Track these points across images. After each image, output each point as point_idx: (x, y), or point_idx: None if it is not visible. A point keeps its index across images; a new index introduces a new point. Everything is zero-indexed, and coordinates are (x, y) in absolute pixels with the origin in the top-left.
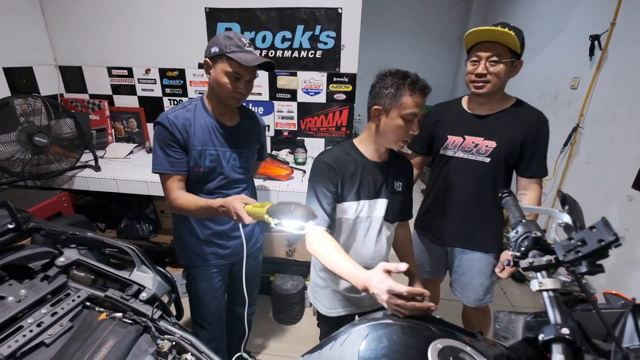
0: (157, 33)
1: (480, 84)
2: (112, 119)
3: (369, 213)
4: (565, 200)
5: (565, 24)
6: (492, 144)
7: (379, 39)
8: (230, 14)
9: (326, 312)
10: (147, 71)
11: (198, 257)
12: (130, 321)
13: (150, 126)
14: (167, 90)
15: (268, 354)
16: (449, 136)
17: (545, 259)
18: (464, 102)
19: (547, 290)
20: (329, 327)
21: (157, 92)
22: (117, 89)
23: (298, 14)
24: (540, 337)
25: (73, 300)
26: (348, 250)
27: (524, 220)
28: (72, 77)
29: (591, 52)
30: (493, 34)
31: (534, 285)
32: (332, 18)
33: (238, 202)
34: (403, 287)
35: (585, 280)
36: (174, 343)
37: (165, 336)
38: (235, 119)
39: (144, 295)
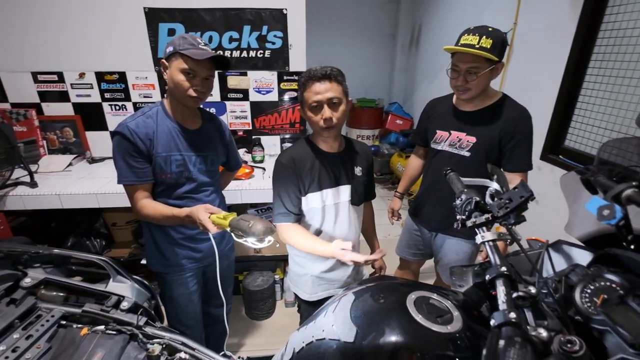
0: (91, 34)
1: (462, 91)
2: (43, 130)
3: (335, 200)
4: (494, 172)
5: (479, 22)
6: (472, 139)
7: (320, 39)
8: (173, 14)
9: (308, 297)
10: (82, 75)
11: (172, 263)
12: (114, 332)
13: (90, 135)
14: (107, 95)
15: (246, 350)
16: (437, 130)
17: (485, 217)
18: (454, 98)
19: (488, 241)
20: (312, 310)
21: (95, 97)
22: (45, 96)
23: (243, 14)
24: (487, 277)
25: (47, 321)
26: (322, 235)
27: (465, 190)
28: None
29: None
30: (469, 52)
31: (478, 239)
32: (277, 18)
33: (203, 213)
34: (361, 257)
35: (514, 230)
36: (164, 345)
37: (155, 340)
38: (197, 122)
39: (125, 305)
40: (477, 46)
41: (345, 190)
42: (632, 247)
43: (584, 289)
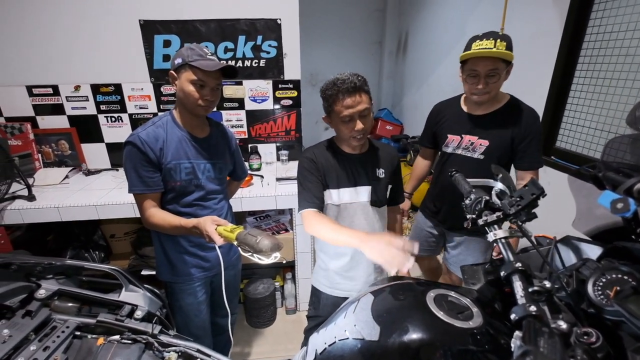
0: (86, 47)
1: (481, 95)
2: (38, 143)
3: (352, 200)
4: (499, 172)
5: (464, 30)
6: (485, 143)
7: (310, 48)
8: (168, 26)
9: (327, 290)
10: (77, 88)
11: (181, 272)
12: (129, 341)
13: (85, 147)
14: (103, 107)
15: (252, 359)
16: (448, 135)
17: (496, 215)
18: (462, 102)
19: (500, 239)
20: (327, 308)
21: (90, 109)
22: (40, 110)
23: (238, 25)
24: (502, 273)
25: (62, 332)
26: None
27: (473, 190)
28: None
29: None
30: (493, 54)
31: (490, 237)
32: (272, 28)
33: (210, 225)
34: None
35: (525, 228)
36: (180, 353)
37: (170, 348)
38: (206, 131)
39: (138, 314)
40: (495, 49)
41: (364, 191)
42: None
43: (596, 282)
